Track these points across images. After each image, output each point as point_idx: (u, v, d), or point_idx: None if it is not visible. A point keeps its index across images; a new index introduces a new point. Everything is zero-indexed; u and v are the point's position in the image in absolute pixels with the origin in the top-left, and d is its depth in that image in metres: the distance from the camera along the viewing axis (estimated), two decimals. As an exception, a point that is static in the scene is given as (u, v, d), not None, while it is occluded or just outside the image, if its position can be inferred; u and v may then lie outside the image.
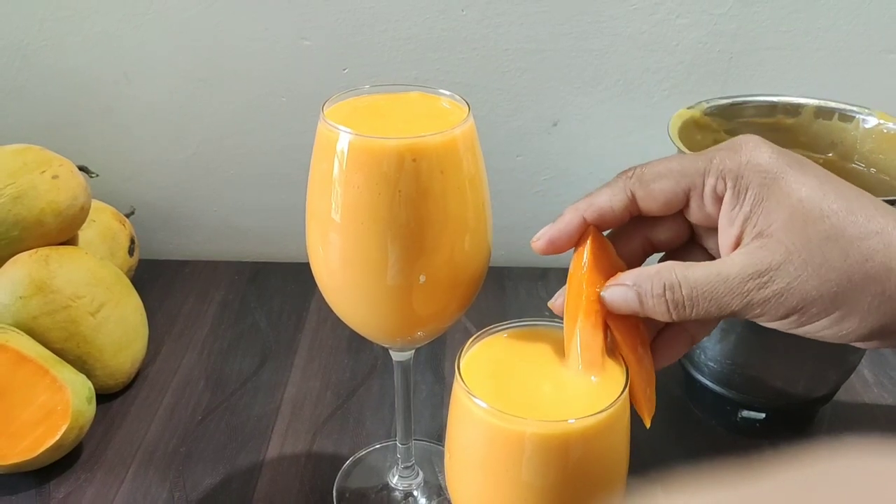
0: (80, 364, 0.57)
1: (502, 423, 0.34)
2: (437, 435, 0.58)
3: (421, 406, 0.61)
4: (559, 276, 0.77)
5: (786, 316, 0.35)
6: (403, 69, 0.72)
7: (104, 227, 0.68)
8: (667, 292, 0.35)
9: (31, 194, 0.59)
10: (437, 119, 0.44)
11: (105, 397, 0.60)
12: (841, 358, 0.56)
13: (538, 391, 0.37)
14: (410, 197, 0.40)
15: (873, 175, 0.57)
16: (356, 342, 0.67)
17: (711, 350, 0.56)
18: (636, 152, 0.76)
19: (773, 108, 0.60)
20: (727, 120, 0.60)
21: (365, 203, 0.41)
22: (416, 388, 0.62)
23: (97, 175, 0.66)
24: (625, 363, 0.37)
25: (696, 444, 0.58)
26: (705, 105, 0.59)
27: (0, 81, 0.74)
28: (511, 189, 0.77)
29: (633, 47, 0.71)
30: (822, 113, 0.59)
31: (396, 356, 0.49)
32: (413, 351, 0.49)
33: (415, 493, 0.53)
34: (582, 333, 0.37)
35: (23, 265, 0.58)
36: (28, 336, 0.55)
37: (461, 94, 0.45)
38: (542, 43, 0.71)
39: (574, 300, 0.38)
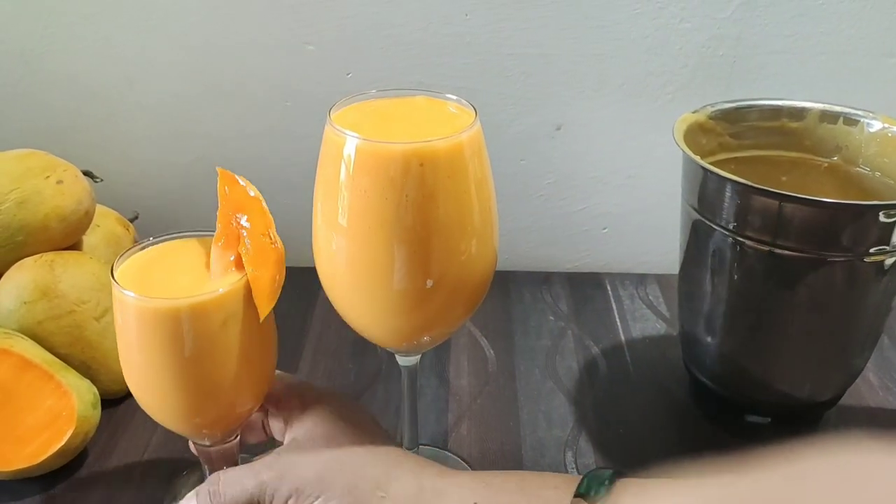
0: (85, 369, 0.57)
1: (146, 304, 0.42)
2: (442, 440, 0.58)
3: (426, 410, 0.61)
4: (563, 280, 0.77)
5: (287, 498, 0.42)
6: (407, 74, 0.72)
7: (108, 231, 0.68)
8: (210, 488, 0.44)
9: (36, 199, 0.59)
10: (443, 124, 0.44)
11: (109, 402, 0.60)
12: (846, 362, 0.56)
13: (181, 283, 0.44)
14: (417, 202, 0.40)
15: (878, 179, 0.57)
16: (360, 346, 0.67)
17: (717, 353, 0.56)
18: (639, 156, 0.76)
19: (777, 111, 0.60)
20: (731, 124, 0.60)
21: (372, 208, 0.41)
22: (421, 392, 0.62)
23: (101, 180, 0.66)
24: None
25: (700, 449, 0.58)
26: (710, 109, 0.59)
27: (3, 87, 0.74)
28: (514, 193, 0.77)
29: (637, 51, 0.71)
30: (827, 117, 0.59)
31: (403, 361, 0.49)
32: (419, 356, 0.49)
33: (421, 497, 0.53)
34: (215, 252, 0.45)
35: (27, 270, 0.58)
36: (33, 341, 0.55)
37: (465, 98, 0.45)
38: (546, 47, 0.71)
39: (219, 230, 0.46)
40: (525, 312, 0.73)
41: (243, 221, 0.45)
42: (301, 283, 0.74)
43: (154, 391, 0.44)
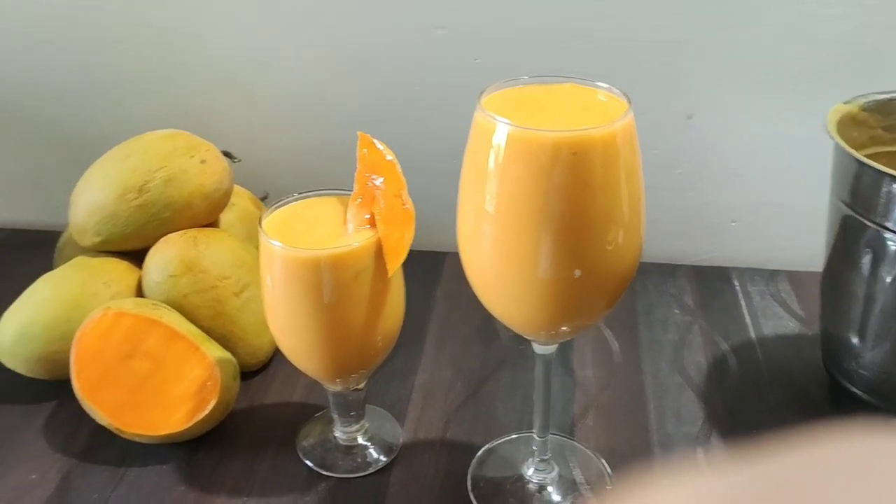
0: (224, 342, 0.59)
1: (290, 253, 0.47)
2: (570, 429, 0.58)
3: (553, 399, 0.60)
4: (688, 273, 0.76)
5: None
6: (536, 59, 0.71)
7: (242, 210, 0.70)
8: None
9: (182, 178, 0.62)
10: (593, 111, 0.44)
11: (245, 375, 0.62)
12: None
13: (320, 235, 0.49)
14: (568, 190, 0.40)
15: None
16: (485, 332, 0.67)
17: (864, 357, 0.54)
18: (775, 148, 0.73)
19: (937, 104, 0.57)
20: (884, 116, 0.57)
21: (521, 196, 0.41)
22: (546, 380, 0.62)
23: (240, 160, 0.68)
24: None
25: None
26: (862, 100, 0.56)
27: (147, 69, 0.77)
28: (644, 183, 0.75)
29: (777, 39, 0.68)
30: None
31: (539, 349, 0.49)
32: (556, 345, 0.49)
33: (549, 487, 0.53)
34: (352, 210, 0.49)
35: (173, 245, 0.60)
36: (178, 313, 0.58)
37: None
38: (679, 33, 0.69)
39: (356, 189, 0.50)
40: (650, 305, 0.71)
41: (378, 182, 0.49)
42: (428, 266, 0.75)
43: (294, 333, 0.49)
